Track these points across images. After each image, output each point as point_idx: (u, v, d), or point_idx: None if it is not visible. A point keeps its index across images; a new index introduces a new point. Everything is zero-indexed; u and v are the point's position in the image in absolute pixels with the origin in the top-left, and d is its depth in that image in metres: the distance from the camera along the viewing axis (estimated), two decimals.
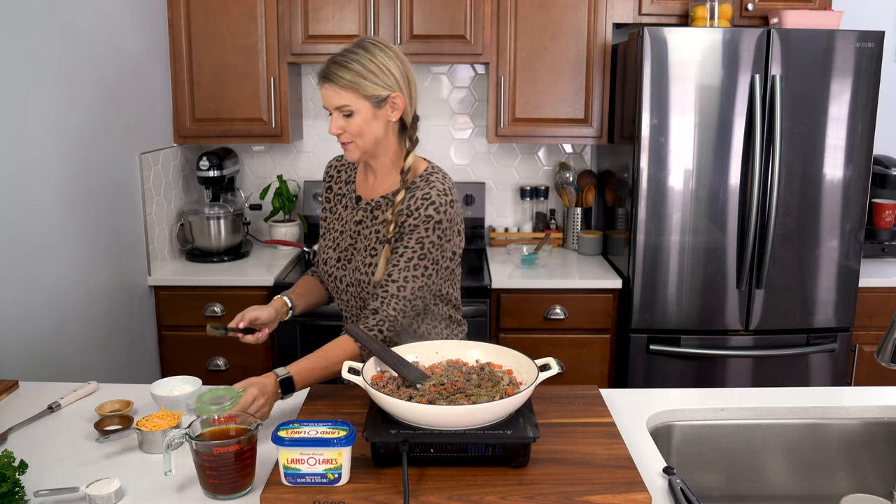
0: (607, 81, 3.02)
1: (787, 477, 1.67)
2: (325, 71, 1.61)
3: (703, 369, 2.80)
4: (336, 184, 1.84)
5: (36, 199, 2.13)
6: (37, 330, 2.13)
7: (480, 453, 1.30)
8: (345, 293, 1.77)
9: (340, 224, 1.79)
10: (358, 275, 1.72)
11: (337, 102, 1.61)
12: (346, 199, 1.80)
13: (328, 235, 1.81)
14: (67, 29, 2.27)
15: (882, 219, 3.11)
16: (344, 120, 1.62)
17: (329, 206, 1.84)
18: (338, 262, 1.77)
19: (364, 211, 1.74)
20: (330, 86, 1.60)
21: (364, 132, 1.63)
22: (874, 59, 2.61)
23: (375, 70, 1.60)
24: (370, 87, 1.60)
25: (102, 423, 1.50)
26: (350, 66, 1.59)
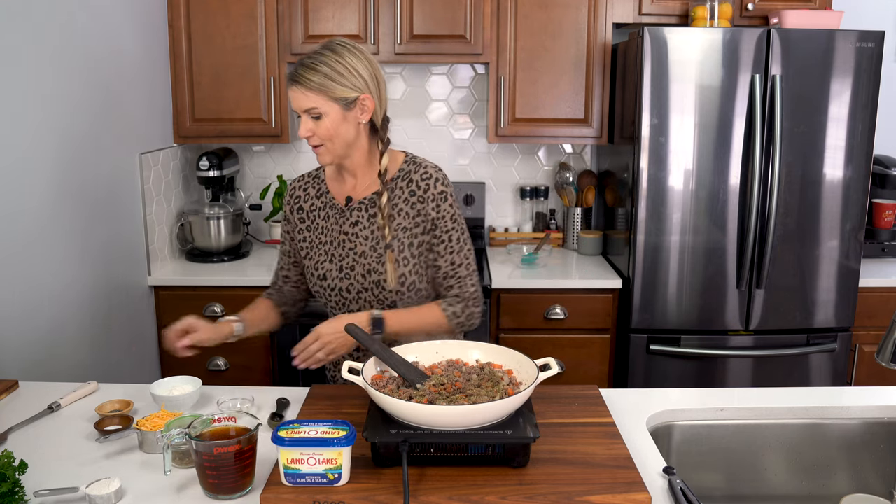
0: (607, 81, 3.02)
1: (787, 477, 1.67)
2: (293, 73, 1.59)
3: (703, 369, 2.80)
4: (306, 201, 1.79)
5: (36, 199, 2.13)
6: (37, 330, 2.13)
7: (480, 453, 1.30)
8: (355, 302, 1.72)
9: (328, 236, 1.74)
10: (375, 276, 1.68)
11: (305, 105, 1.59)
12: (325, 209, 1.76)
13: (315, 251, 1.75)
14: (67, 29, 2.27)
15: (882, 219, 3.11)
16: (313, 122, 1.60)
17: (304, 226, 1.78)
18: (340, 272, 1.72)
19: (358, 211, 1.72)
20: (298, 88, 1.58)
21: (333, 135, 1.61)
22: (874, 59, 2.61)
23: (343, 72, 1.58)
24: (338, 90, 1.58)
25: (102, 423, 1.50)
26: (318, 67, 1.57)
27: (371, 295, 1.70)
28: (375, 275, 1.68)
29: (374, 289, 1.69)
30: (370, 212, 1.71)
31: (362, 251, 1.70)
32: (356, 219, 1.72)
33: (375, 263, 1.69)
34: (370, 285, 1.69)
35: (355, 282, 1.70)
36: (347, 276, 1.71)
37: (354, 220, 1.72)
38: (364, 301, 1.72)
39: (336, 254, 1.73)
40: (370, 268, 1.69)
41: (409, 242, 1.70)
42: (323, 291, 1.75)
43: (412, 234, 1.70)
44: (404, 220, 1.70)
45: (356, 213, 1.72)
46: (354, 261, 1.71)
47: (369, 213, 1.71)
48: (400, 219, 1.70)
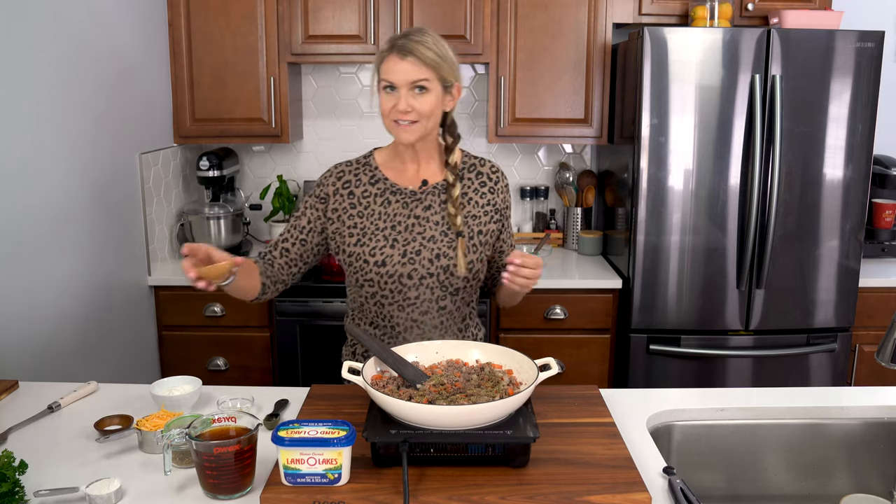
0: (607, 81, 3.02)
1: (787, 477, 1.67)
2: (404, 45, 1.59)
3: (703, 369, 2.80)
4: (358, 186, 1.74)
5: (36, 199, 2.13)
6: (37, 330, 2.13)
7: (480, 453, 1.30)
8: (415, 288, 1.69)
9: (389, 221, 1.70)
10: (444, 261, 1.68)
11: (415, 76, 1.58)
12: (384, 195, 1.72)
13: (371, 237, 1.69)
14: (67, 29, 2.27)
15: (882, 219, 3.11)
16: (415, 97, 1.60)
17: (355, 211, 1.72)
18: (403, 256, 1.68)
19: (432, 196, 1.72)
20: (413, 59, 1.58)
21: (430, 112, 1.62)
22: (874, 59, 2.61)
23: (448, 56, 1.62)
24: (445, 70, 1.61)
25: (102, 423, 1.50)
26: (429, 45, 1.59)
27: (435, 281, 1.69)
28: (445, 259, 1.68)
29: (440, 274, 1.69)
30: (441, 198, 1.72)
31: (431, 236, 1.69)
32: (429, 203, 1.72)
33: (446, 248, 1.69)
34: (437, 270, 1.68)
35: (420, 267, 1.68)
36: (412, 262, 1.68)
37: (427, 205, 1.72)
38: (425, 287, 1.69)
39: (400, 238, 1.69)
40: (439, 252, 1.68)
41: (478, 230, 1.73)
42: (378, 278, 1.68)
43: (481, 222, 1.74)
44: (474, 209, 1.74)
45: (430, 198, 1.72)
46: (422, 245, 1.69)
47: (441, 198, 1.72)
48: (470, 207, 1.73)
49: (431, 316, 1.72)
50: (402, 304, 1.70)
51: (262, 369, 2.92)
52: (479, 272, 1.74)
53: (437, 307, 1.72)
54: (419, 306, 1.71)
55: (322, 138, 3.42)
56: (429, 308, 1.71)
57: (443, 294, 1.71)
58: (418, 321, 1.72)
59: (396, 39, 1.61)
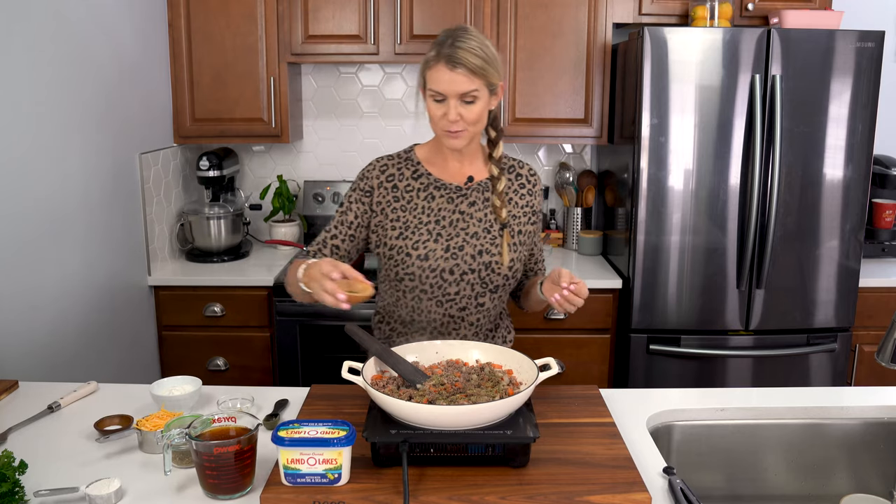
0: (607, 81, 3.02)
1: (787, 477, 1.67)
2: (455, 56, 1.55)
3: (703, 369, 2.80)
4: (401, 181, 1.73)
5: (35, 199, 2.13)
6: (37, 330, 2.13)
7: (480, 453, 1.30)
8: (456, 284, 1.69)
9: (432, 216, 1.70)
10: (486, 257, 1.68)
11: (466, 88, 1.57)
12: (428, 189, 1.72)
13: (414, 231, 1.69)
14: (67, 29, 2.27)
15: (882, 219, 3.11)
16: (463, 107, 1.59)
17: (399, 205, 1.71)
18: (446, 251, 1.68)
19: (477, 192, 1.73)
20: (463, 71, 1.55)
21: (479, 119, 1.62)
22: (874, 59, 2.61)
23: (494, 57, 1.60)
24: (493, 75, 1.59)
25: (102, 423, 1.50)
26: (477, 52, 1.56)
27: (477, 277, 1.69)
28: (487, 256, 1.69)
29: (482, 270, 1.69)
30: (485, 195, 1.73)
31: (475, 232, 1.70)
32: (473, 199, 1.72)
33: (489, 245, 1.69)
34: (479, 266, 1.69)
35: (462, 262, 1.68)
36: (454, 257, 1.68)
37: (472, 201, 1.72)
38: (466, 283, 1.69)
39: (444, 233, 1.69)
40: (482, 248, 1.69)
41: (518, 230, 1.75)
42: (420, 272, 1.68)
43: (521, 222, 1.76)
44: (514, 209, 1.75)
45: (475, 194, 1.73)
46: (465, 241, 1.69)
47: (484, 196, 1.73)
48: (510, 207, 1.75)
49: (469, 312, 1.72)
50: (440, 300, 1.70)
51: (262, 369, 2.92)
52: (517, 272, 1.75)
53: (475, 304, 1.72)
54: (458, 302, 1.71)
55: (322, 138, 3.42)
56: (467, 304, 1.71)
57: (482, 291, 1.71)
58: (456, 317, 1.72)
59: (444, 46, 1.58)
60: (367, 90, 3.38)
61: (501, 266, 1.70)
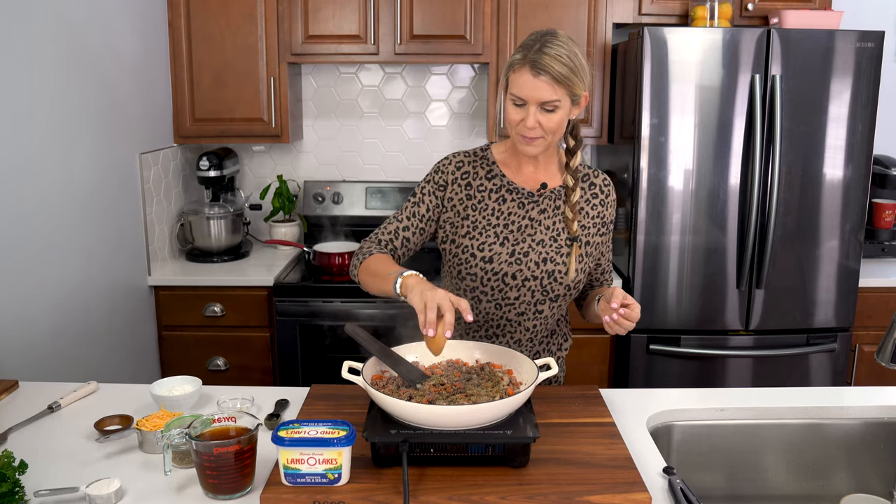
0: (607, 81, 3.02)
1: (787, 477, 1.67)
2: (540, 62, 1.50)
3: (703, 369, 2.80)
4: (475, 179, 1.70)
5: (36, 199, 2.13)
6: (37, 330, 2.13)
7: (480, 453, 1.30)
8: (518, 289, 1.66)
9: (502, 219, 1.67)
10: (550, 265, 1.66)
11: (548, 97, 1.52)
12: (500, 192, 1.69)
13: (482, 232, 1.66)
14: (67, 29, 2.27)
15: (882, 219, 3.11)
16: (543, 115, 1.54)
17: (470, 203, 1.68)
18: (511, 256, 1.65)
19: (549, 199, 1.69)
20: (548, 79, 1.50)
21: (558, 129, 1.58)
22: (874, 59, 2.61)
23: (582, 67, 1.55)
24: (578, 86, 1.55)
25: (102, 423, 1.50)
26: (565, 61, 1.51)
27: (538, 284, 1.67)
28: (551, 264, 1.66)
29: (544, 278, 1.66)
30: (556, 203, 1.70)
31: (541, 239, 1.67)
32: (544, 206, 1.69)
33: (554, 254, 1.67)
34: (542, 274, 1.66)
35: (525, 268, 1.65)
36: (518, 262, 1.65)
37: (543, 208, 1.69)
38: (527, 290, 1.66)
39: (511, 238, 1.66)
40: (546, 256, 1.66)
41: (586, 241, 1.71)
42: (482, 274, 1.65)
43: (590, 233, 1.72)
44: (584, 220, 1.71)
45: (546, 202, 1.70)
46: (531, 247, 1.66)
47: (555, 203, 1.70)
48: (580, 217, 1.71)
49: (527, 318, 1.70)
50: (500, 303, 1.68)
51: (262, 369, 2.92)
52: (580, 282, 1.72)
53: (534, 310, 1.69)
54: (517, 307, 1.69)
55: (322, 138, 3.42)
56: (526, 310, 1.69)
57: (542, 299, 1.69)
58: (513, 321, 1.70)
59: (530, 51, 1.53)
60: (367, 90, 3.38)
61: (565, 277, 1.67)
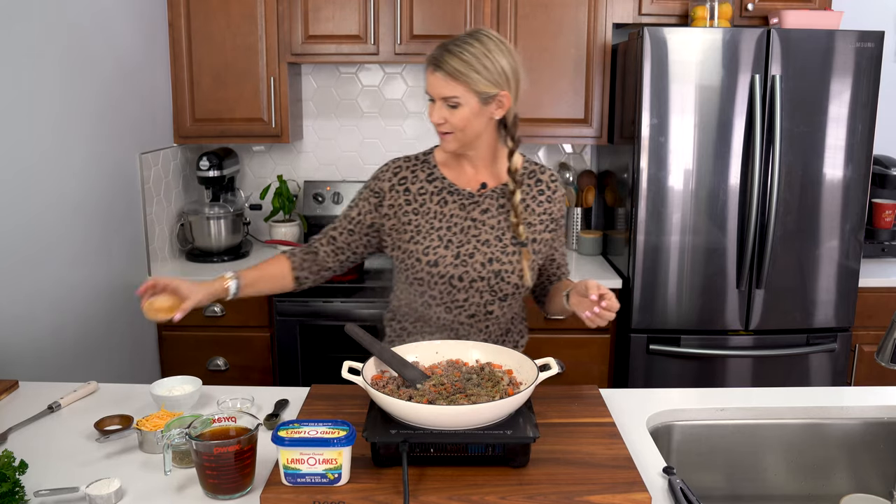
0: (607, 81, 3.02)
1: (787, 477, 1.67)
2: (437, 58, 1.57)
3: (703, 369, 2.80)
4: (414, 183, 1.72)
5: (36, 199, 2.13)
6: (37, 330, 2.13)
7: (480, 453, 1.30)
8: (466, 290, 1.67)
9: (444, 221, 1.69)
10: (496, 265, 1.66)
11: (445, 93, 1.57)
12: (441, 194, 1.70)
13: (425, 236, 1.68)
14: (67, 29, 2.27)
15: (882, 219, 3.11)
16: (448, 111, 1.58)
17: (411, 208, 1.70)
18: (456, 258, 1.66)
19: (490, 199, 1.70)
20: (442, 75, 1.56)
21: (467, 126, 1.60)
22: (874, 59, 2.61)
23: (489, 66, 1.56)
24: (481, 84, 1.56)
25: (102, 423, 1.50)
26: (464, 57, 1.55)
27: (486, 285, 1.67)
28: (497, 264, 1.67)
29: (491, 278, 1.67)
30: (499, 202, 1.70)
31: (486, 239, 1.68)
32: (486, 206, 1.70)
33: (499, 253, 1.67)
34: (488, 274, 1.67)
35: (472, 270, 1.66)
36: (464, 264, 1.66)
37: (485, 208, 1.70)
38: (475, 291, 1.67)
39: (454, 240, 1.68)
40: (492, 257, 1.67)
41: (532, 238, 1.72)
42: (429, 278, 1.67)
43: (536, 231, 1.73)
44: (530, 217, 1.72)
45: (488, 202, 1.70)
46: (475, 248, 1.67)
47: (498, 203, 1.70)
48: (527, 214, 1.72)
49: (478, 319, 1.71)
50: (449, 306, 1.69)
51: (262, 369, 2.92)
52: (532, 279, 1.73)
53: (484, 311, 1.70)
54: (467, 309, 1.69)
55: (322, 138, 3.42)
56: (476, 312, 1.70)
57: (491, 299, 1.69)
58: (465, 324, 1.71)
59: (438, 49, 1.59)
60: (367, 90, 3.38)
61: (512, 276, 1.68)
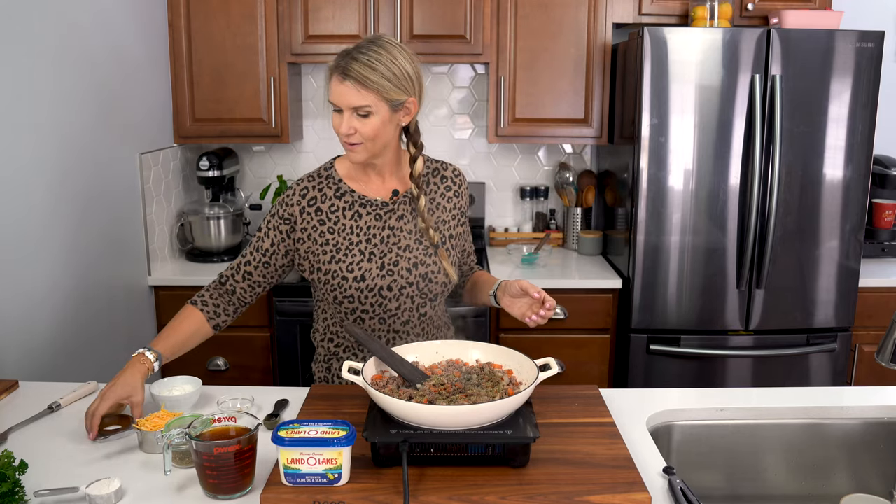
0: (607, 81, 3.02)
1: (787, 477, 1.67)
2: (347, 68, 1.52)
3: (703, 369, 2.80)
4: (324, 202, 1.68)
5: (36, 199, 2.13)
6: (37, 330, 2.13)
7: (480, 453, 1.30)
8: (396, 299, 1.67)
9: (363, 234, 1.67)
10: (422, 269, 1.67)
11: (357, 102, 1.53)
12: (354, 208, 1.68)
13: (346, 253, 1.65)
14: (67, 29, 2.27)
15: (882, 219, 3.11)
16: (358, 120, 1.55)
17: (325, 228, 1.66)
18: (381, 269, 1.65)
19: (403, 205, 1.70)
20: (353, 84, 1.52)
21: (377, 135, 1.57)
22: (874, 59, 2.61)
23: (398, 73, 1.54)
24: (392, 91, 1.54)
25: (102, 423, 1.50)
26: (375, 66, 1.52)
27: (415, 290, 1.67)
28: (423, 267, 1.68)
29: (419, 282, 1.67)
30: (412, 206, 1.71)
31: (406, 245, 1.68)
32: (401, 213, 1.70)
33: (422, 256, 1.68)
34: (416, 279, 1.67)
35: (399, 277, 1.66)
36: (390, 273, 1.66)
37: (400, 215, 1.70)
38: (405, 297, 1.67)
39: (377, 251, 1.66)
40: (416, 261, 1.68)
41: (448, 234, 1.74)
42: (359, 294, 1.65)
43: (450, 226, 1.75)
44: (443, 214, 1.74)
45: (402, 208, 1.70)
46: (398, 255, 1.67)
47: (411, 206, 1.71)
48: (439, 212, 1.73)
49: (413, 325, 1.72)
50: (383, 317, 1.68)
51: (262, 369, 2.92)
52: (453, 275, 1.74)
53: (417, 315, 1.71)
54: (400, 317, 1.69)
55: (322, 138, 3.42)
56: (410, 317, 1.70)
57: (423, 301, 1.70)
58: (400, 332, 1.71)
59: (342, 57, 1.55)
60: None
61: (439, 275, 1.69)
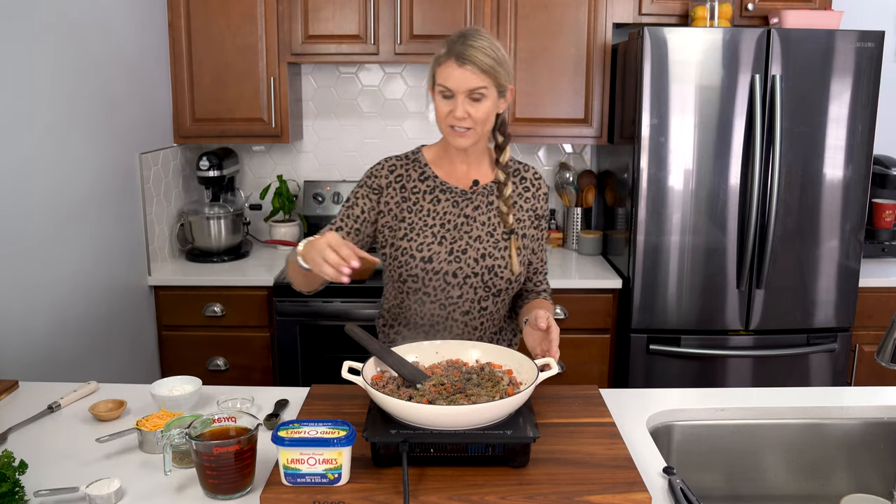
0: (607, 81, 3.02)
1: (787, 477, 1.67)
2: (465, 53, 1.57)
3: (703, 369, 2.80)
4: (409, 182, 1.73)
5: (36, 199, 2.13)
6: (37, 330, 2.13)
7: (480, 453, 1.30)
8: (460, 287, 1.69)
9: (438, 218, 1.70)
10: (489, 261, 1.69)
11: (474, 84, 1.58)
12: (434, 192, 1.72)
13: (419, 233, 1.69)
14: (67, 29, 2.27)
15: (882, 219, 3.11)
16: (471, 105, 1.60)
17: (406, 206, 1.71)
18: (450, 254, 1.68)
19: (482, 196, 1.73)
20: (471, 68, 1.57)
21: (486, 119, 1.62)
22: (874, 59, 2.61)
23: (505, 60, 1.62)
24: (502, 76, 1.61)
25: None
26: (488, 51, 1.58)
27: (479, 281, 1.69)
28: (490, 259, 1.69)
29: (485, 274, 1.69)
30: (490, 199, 1.73)
31: (478, 235, 1.70)
32: (478, 203, 1.72)
33: (491, 248, 1.70)
34: (482, 270, 1.69)
35: (465, 266, 1.68)
36: (458, 260, 1.68)
37: (476, 205, 1.72)
38: (469, 287, 1.69)
39: (448, 236, 1.69)
40: (485, 252, 1.69)
41: (522, 234, 1.75)
42: (423, 275, 1.68)
43: (525, 226, 1.76)
44: (519, 213, 1.76)
45: (479, 198, 1.73)
46: (468, 244, 1.69)
47: (489, 200, 1.73)
48: (515, 210, 1.75)
49: (472, 317, 1.72)
50: (444, 303, 1.70)
51: (262, 369, 2.92)
52: (521, 275, 1.74)
53: (478, 307, 1.72)
54: (461, 306, 1.70)
55: (322, 138, 3.42)
56: (470, 308, 1.71)
57: (485, 295, 1.71)
58: (459, 321, 1.72)
59: (454, 44, 1.60)
60: (367, 90, 3.38)
61: (505, 271, 1.70)
